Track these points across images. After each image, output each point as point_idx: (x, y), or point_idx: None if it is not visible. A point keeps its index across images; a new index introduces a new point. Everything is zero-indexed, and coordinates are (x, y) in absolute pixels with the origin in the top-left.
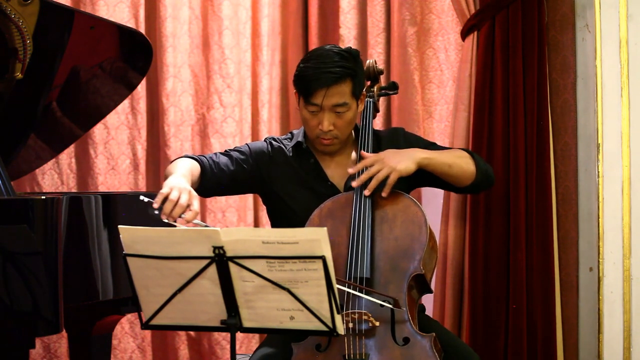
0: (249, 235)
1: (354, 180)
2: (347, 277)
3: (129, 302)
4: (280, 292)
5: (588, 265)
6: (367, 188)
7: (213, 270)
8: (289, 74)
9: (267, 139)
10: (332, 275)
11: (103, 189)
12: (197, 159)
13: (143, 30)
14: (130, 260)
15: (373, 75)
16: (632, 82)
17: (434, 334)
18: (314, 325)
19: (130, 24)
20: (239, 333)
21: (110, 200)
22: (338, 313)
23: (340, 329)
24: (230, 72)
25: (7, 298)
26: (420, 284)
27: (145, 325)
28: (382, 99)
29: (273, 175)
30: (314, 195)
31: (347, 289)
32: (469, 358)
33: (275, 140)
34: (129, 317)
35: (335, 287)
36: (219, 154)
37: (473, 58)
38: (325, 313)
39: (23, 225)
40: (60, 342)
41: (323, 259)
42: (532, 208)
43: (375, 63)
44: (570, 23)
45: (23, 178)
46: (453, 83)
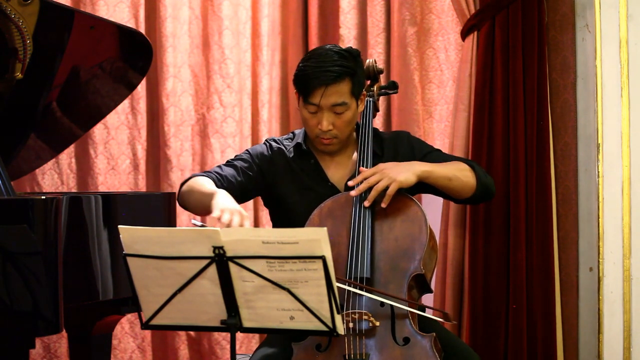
0: (249, 235)
1: (353, 190)
2: (347, 277)
3: (129, 302)
4: (280, 292)
5: (588, 265)
6: (366, 199)
7: (213, 270)
8: (289, 74)
9: (266, 141)
10: (332, 275)
11: (103, 189)
12: (208, 177)
13: (143, 30)
14: (130, 260)
15: (373, 75)
16: (632, 82)
17: (434, 334)
18: (314, 325)
19: (130, 24)
20: (239, 333)
21: (110, 200)
22: (338, 313)
23: (340, 329)
24: (230, 72)
25: (7, 298)
26: (421, 284)
27: (145, 325)
28: (382, 99)
29: (274, 177)
30: (315, 196)
31: (363, 292)
32: (469, 358)
33: (275, 142)
34: (129, 317)
35: (335, 287)
36: (223, 167)
37: (473, 58)
38: (325, 313)
39: (23, 225)
40: (60, 342)
41: (323, 259)
42: (532, 208)
43: (375, 62)
44: (570, 23)
45: (23, 178)
46: (453, 83)
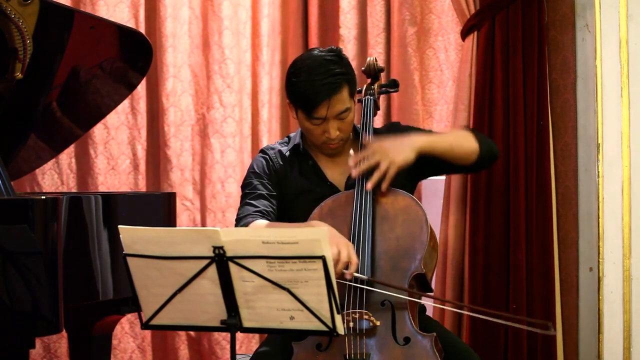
0: (249, 235)
1: (353, 170)
2: None
3: (129, 302)
4: (280, 292)
5: (588, 265)
6: (369, 181)
7: (213, 270)
8: None
9: (261, 151)
10: (332, 275)
11: (103, 189)
12: (253, 219)
13: (143, 30)
14: (130, 260)
15: (374, 73)
16: (632, 82)
17: (435, 334)
18: (314, 325)
19: (130, 24)
20: (239, 333)
21: (110, 200)
22: (338, 313)
23: (340, 329)
24: (230, 72)
25: (7, 298)
26: (421, 284)
27: (145, 325)
28: (382, 98)
29: (278, 182)
30: (314, 196)
31: (365, 286)
32: (470, 358)
33: (271, 149)
34: (129, 317)
35: (335, 287)
36: (252, 202)
37: (473, 58)
38: (325, 313)
39: (23, 225)
40: (60, 342)
41: (323, 259)
42: (532, 208)
43: (376, 60)
44: (570, 23)
45: (23, 178)
46: (453, 83)
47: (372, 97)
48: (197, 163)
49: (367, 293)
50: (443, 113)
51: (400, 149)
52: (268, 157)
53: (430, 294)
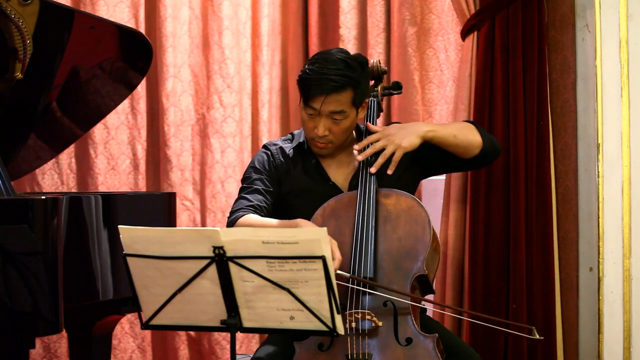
0: (249, 235)
1: (359, 155)
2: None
3: (129, 302)
4: (280, 292)
5: (588, 265)
6: (373, 165)
7: (213, 270)
8: (289, 74)
9: (265, 146)
10: (332, 276)
11: (103, 189)
12: (245, 213)
13: (143, 30)
14: (130, 260)
15: (377, 75)
16: (632, 82)
17: (437, 335)
18: (314, 325)
19: (130, 24)
20: (239, 333)
21: (110, 200)
22: (338, 313)
23: (341, 329)
24: (230, 72)
25: (7, 298)
26: (423, 285)
27: (145, 325)
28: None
29: (279, 179)
30: (316, 196)
31: (367, 288)
32: (470, 358)
33: (273, 145)
34: (129, 317)
35: (335, 287)
36: (248, 196)
37: (473, 58)
38: (325, 313)
39: (23, 225)
40: (60, 342)
41: (323, 259)
42: (532, 208)
43: (380, 62)
44: (570, 23)
45: (23, 178)
46: (453, 83)
47: (375, 98)
48: (197, 163)
49: (369, 293)
50: (443, 113)
51: (406, 134)
52: (270, 152)
53: (423, 298)
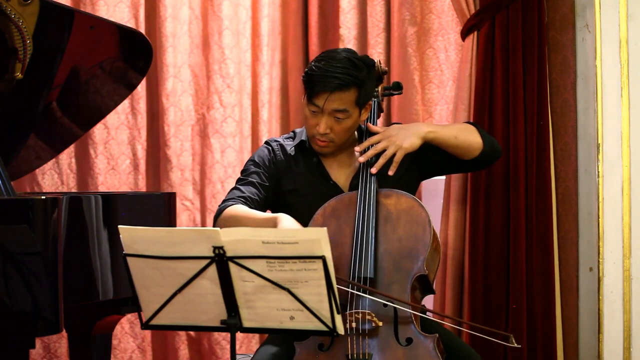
0: (249, 235)
1: (361, 156)
2: (350, 277)
3: (129, 302)
4: (280, 292)
5: (588, 265)
6: (374, 166)
7: (213, 270)
8: (289, 74)
9: (266, 142)
10: (332, 276)
11: (103, 189)
12: (234, 203)
13: (143, 30)
14: (130, 260)
15: (377, 75)
16: (632, 82)
17: (437, 335)
18: (314, 325)
19: (130, 24)
20: (239, 333)
21: (110, 200)
22: (338, 313)
23: (341, 329)
24: (230, 72)
25: (7, 298)
26: (424, 285)
27: (145, 325)
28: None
29: (279, 177)
30: (317, 195)
31: (367, 294)
32: (471, 358)
33: (276, 141)
34: (129, 317)
35: (335, 287)
36: (241, 187)
37: (473, 58)
38: (325, 313)
39: (23, 225)
40: (60, 342)
41: (323, 259)
42: (532, 208)
43: (380, 63)
44: (570, 23)
45: (23, 178)
46: (453, 83)
47: (375, 99)
48: (197, 163)
49: (369, 293)
50: (443, 113)
51: (407, 135)
52: (271, 148)
53: (418, 305)
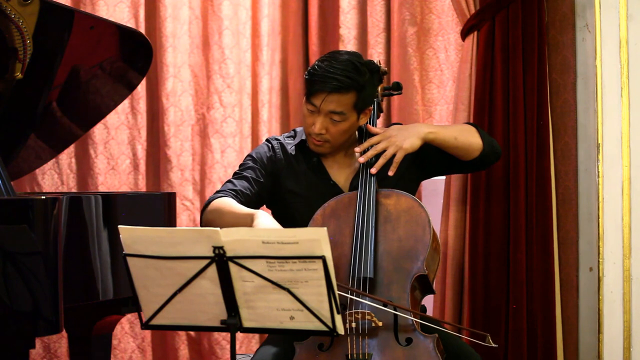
0: (249, 235)
1: (361, 157)
2: (350, 276)
3: (129, 302)
4: (280, 292)
5: (588, 265)
6: (373, 166)
7: (213, 270)
8: (289, 74)
9: (267, 140)
10: (332, 276)
11: (103, 189)
12: (224, 196)
13: (143, 30)
14: (130, 260)
15: (379, 77)
16: (632, 82)
17: (437, 335)
18: (314, 325)
19: (130, 24)
20: (239, 333)
21: (110, 200)
22: (338, 313)
23: (341, 329)
24: (230, 72)
25: (7, 298)
26: (423, 285)
27: (145, 325)
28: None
29: (278, 176)
30: (317, 195)
31: (366, 300)
32: (471, 358)
33: (276, 139)
34: (129, 317)
35: (335, 287)
36: (234, 180)
37: (473, 58)
38: (325, 313)
39: (23, 225)
40: (60, 342)
41: (323, 259)
42: (532, 208)
43: (380, 63)
44: (570, 23)
45: (23, 178)
46: (453, 83)
47: (375, 99)
48: (197, 163)
49: (369, 293)
50: (443, 113)
51: (407, 135)
52: (271, 146)
53: (418, 312)
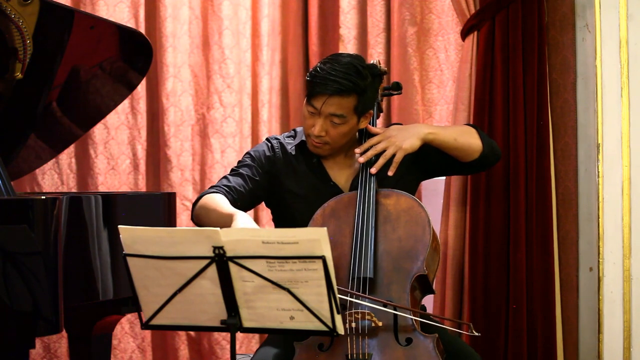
0: (249, 235)
1: (361, 157)
2: (350, 276)
3: (129, 302)
4: (280, 292)
5: (588, 265)
6: (373, 166)
7: (213, 270)
8: (289, 74)
9: (267, 140)
10: (332, 276)
11: (103, 189)
12: (218, 192)
13: (143, 30)
14: (130, 260)
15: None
16: (632, 82)
17: (437, 335)
18: (314, 325)
19: (130, 24)
20: (239, 333)
21: (110, 200)
22: (338, 313)
23: (341, 329)
24: (230, 72)
25: (7, 298)
26: (423, 285)
27: (145, 325)
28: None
29: (277, 177)
30: (317, 196)
31: (366, 302)
32: (470, 358)
33: (277, 139)
34: (129, 317)
35: (335, 287)
36: (230, 177)
37: (473, 58)
38: (325, 313)
39: (23, 225)
40: (60, 342)
41: (323, 259)
42: (532, 208)
43: (380, 63)
44: (570, 23)
45: (23, 178)
46: (453, 83)
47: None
48: (197, 163)
49: (369, 293)
50: (443, 113)
51: (407, 136)
52: (270, 145)
53: (418, 310)
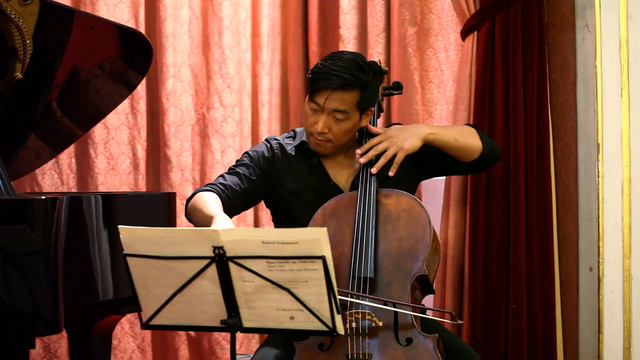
0: (249, 235)
1: (362, 157)
2: (350, 276)
3: (129, 302)
4: (280, 292)
5: (588, 265)
6: (374, 166)
7: (213, 270)
8: (289, 74)
9: (267, 140)
10: (332, 276)
11: (103, 189)
12: (212, 190)
13: (143, 30)
14: (130, 260)
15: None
16: (632, 82)
17: (437, 335)
18: (314, 325)
19: (130, 24)
20: (239, 333)
21: (110, 200)
22: (338, 313)
23: (341, 329)
24: (230, 72)
25: (7, 298)
26: (424, 285)
27: (145, 325)
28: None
29: (276, 177)
30: (317, 196)
31: (366, 302)
32: (470, 358)
33: (276, 139)
34: (129, 317)
35: (335, 287)
36: (226, 175)
37: (473, 58)
38: (325, 313)
39: (23, 225)
40: (60, 342)
41: (323, 259)
42: (532, 208)
43: (380, 63)
44: (570, 23)
45: (23, 178)
46: (453, 83)
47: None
48: (197, 163)
49: (369, 293)
50: (443, 113)
51: (407, 136)
52: (270, 146)
53: (419, 305)
